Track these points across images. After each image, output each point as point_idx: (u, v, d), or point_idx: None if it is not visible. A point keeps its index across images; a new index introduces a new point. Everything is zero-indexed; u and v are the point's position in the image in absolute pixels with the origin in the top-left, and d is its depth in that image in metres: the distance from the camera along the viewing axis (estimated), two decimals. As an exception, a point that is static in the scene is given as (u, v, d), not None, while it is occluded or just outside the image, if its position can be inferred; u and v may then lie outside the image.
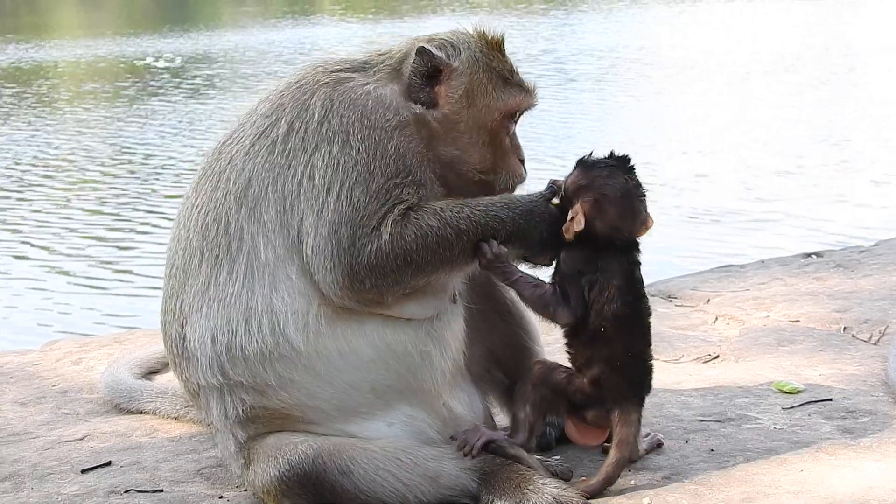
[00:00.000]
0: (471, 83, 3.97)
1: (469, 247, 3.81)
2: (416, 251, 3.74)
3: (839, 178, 14.12)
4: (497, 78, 4.02)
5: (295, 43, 33.34)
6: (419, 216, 3.76)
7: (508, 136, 4.07)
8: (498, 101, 4.00)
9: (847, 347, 5.45)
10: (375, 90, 3.92)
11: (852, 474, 3.92)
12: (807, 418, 4.51)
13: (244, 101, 20.87)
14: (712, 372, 5.21)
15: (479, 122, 3.98)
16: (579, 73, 24.53)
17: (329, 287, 3.75)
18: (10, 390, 5.52)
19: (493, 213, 3.84)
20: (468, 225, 3.79)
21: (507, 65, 4.07)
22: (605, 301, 3.84)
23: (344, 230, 3.72)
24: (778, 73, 22.92)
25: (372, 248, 3.72)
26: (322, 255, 3.74)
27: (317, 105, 3.88)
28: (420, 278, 3.79)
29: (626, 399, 3.88)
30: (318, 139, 3.82)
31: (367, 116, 3.84)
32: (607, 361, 3.85)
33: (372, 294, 3.76)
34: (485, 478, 3.87)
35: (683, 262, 9.99)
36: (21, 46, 37.14)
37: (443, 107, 3.95)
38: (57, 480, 4.39)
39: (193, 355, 3.90)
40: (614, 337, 3.85)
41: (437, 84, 3.95)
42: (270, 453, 3.85)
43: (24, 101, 24.71)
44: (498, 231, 3.82)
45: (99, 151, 18.22)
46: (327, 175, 3.77)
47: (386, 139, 3.82)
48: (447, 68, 3.95)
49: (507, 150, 4.06)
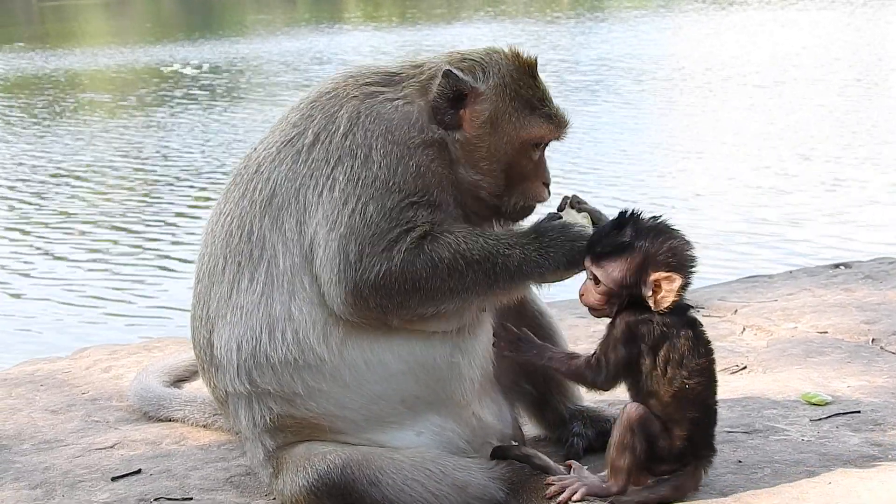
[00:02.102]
0: (495, 110, 3.92)
1: (481, 277, 3.78)
2: (426, 279, 3.74)
3: (869, 187, 14.05)
4: (524, 106, 3.95)
5: (318, 50, 33.41)
6: (433, 246, 3.74)
7: (532, 162, 4.01)
8: (521, 131, 3.94)
9: (875, 359, 5.43)
10: (403, 106, 3.91)
11: (880, 487, 3.90)
12: (835, 430, 4.49)
13: (271, 108, 21.02)
14: (740, 383, 5.20)
15: (500, 149, 3.93)
16: (609, 83, 24.49)
17: (332, 300, 3.77)
18: (40, 398, 5.57)
19: (505, 241, 3.82)
20: (480, 255, 3.77)
21: (538, 91, 3.99)
22: (682, 356, 3.73)
23: (353, 246, 3.72)
24: (805, 80, 22.83)
25: (380, 270, 3.71)
26: (329, 269, 3.75)
27: (343, 117, 3.89)
28: (428, 306, 3.78)
29: (704, 457, 3.83)
30: (342, 152, 3.83)
31: (392, 132, 3.84)
32: (695, 419, 3.76)
33: (375, 314, 3.77)
34: (513, 488, 3.88)
35: (711, 273, 9.97)
36: (47, 54, 37.34)
37: (466, 130, 3.91)
38: (87, 488, 4.42)
39: (221, 362, 3.93)
40: (702, 392, 3.76)
41: (463, 108, 3.91)
42: (299, 463, 3.87)
43: (51, 108, 24.83)
44: (511, 259, 3.79)
45: (128, 158, 18.29)
46: (347, 189, 3.78)
47: (408, 156, 3.82)
48: (473, 93, 3.90)
49: (528, 176, 4.00)
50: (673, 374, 3.72)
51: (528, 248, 3.82)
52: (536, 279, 3.88)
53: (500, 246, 3.80)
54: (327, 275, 3.76)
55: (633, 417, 3.75)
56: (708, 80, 23.87)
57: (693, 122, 19.44)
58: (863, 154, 15.73)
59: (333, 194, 3.79)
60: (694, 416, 3.75)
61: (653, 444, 3.75)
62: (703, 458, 3.83)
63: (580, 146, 16.54)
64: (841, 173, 14.67)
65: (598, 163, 15.82)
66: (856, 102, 20.15)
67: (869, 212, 12.83)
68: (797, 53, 26.96)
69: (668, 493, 3.80)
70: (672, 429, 3.75)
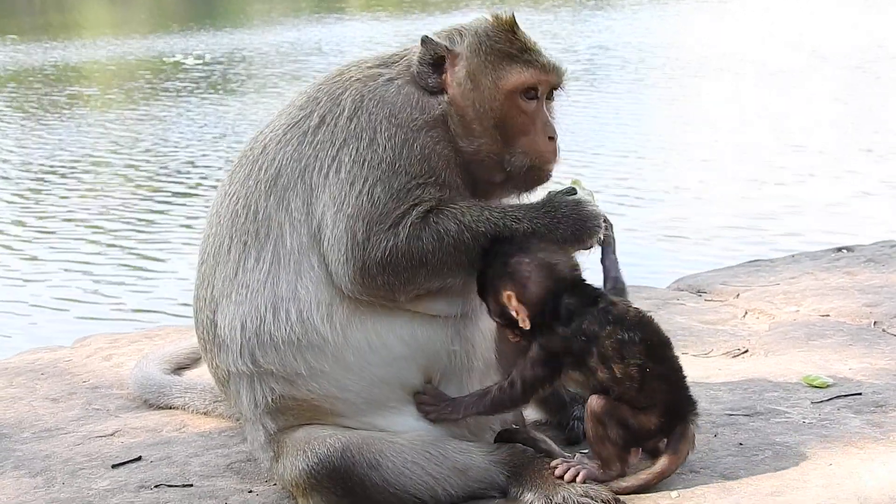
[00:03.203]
0: (471, 66, 3.93)
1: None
2: (432, 253, 3.75)
3: (871, 172, 14.04)
4: (500, 57, 3.94)
5: (322, 41, 33.39)
6: (438, 220, 3.76)
7: (526, 114, 3.98)
8: (500, 81, 3.92)
9: (877, 342, 5.42)
10: (405, 88, 3.93)
11: (882, 468, 3.90)
12: (836, 412, 4.49)
13: (274, 98, 20.99)
14: (742, 366, 5.19)
15: (485, 103, 3.92)
16: (610, 70, 24.48)
17: (341, 280, 3.77)
18: (41, 386, 5.56)
19: (512, 214, 3.83)
20: (487, 228, 3.78)
21: (517, 43, 3.97)
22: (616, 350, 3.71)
23: (360, 225, 3.74)
24: (805, 68, 22.80)
25: (387, 246, 3.72)
26: (337, 248, 3.77)
27: (347, 101, 3.91)
28: (434, 280, 3.79)
29: (687, 414, 3.82)
30: (347, 135, 3.85)
31: (395, 115, 3.86)
32: (662, 389, 3.75)
33: (383, 291, 3.77)
34: (514, 471, 3.88)
35: (713, 258, 9.97)
36: (50, 45, 37.31)
37: (449, 93, 3.94)
38: (88, 476, 4.42)
39: (224, 342, 3.93)
40: (653, 365, 3.74)
41: (444, 71, 3.95)
42: (299, 447, 3.86)
43: (53, 99, 24.83)
44: (518, 232, 3.80)
45: (131, 148, 18.28)
46: (353, 170, 3.79)
47: (412, 139, 3.83)
48: (450, 55, 3.94)
49: (526, 129, 3.97)
50: (616, 368, 3.71)
51: (538, 222, 3.83)
52: None
53: (506, 219, 3.81)
54: (335, 255, 3.77)
55: (596, 410, 3.76)
56: (706, 67, 23.86)
57: (689, 111, 19.43)
58: (865, 144, 15.70)
59: (340, 176, 3.81)
60: (659, 388, 3.75)
61: (627, 426, 3.75)
62: (687, 416, 3.81)
63: (578, 131, 16.51)
64: (842, 162, 14.65)
65: (600, 149, 15.81)
66: (855, 90, 20.12)
67: (869, 200, 12.82)
68: (796, 41, 26.92)
69: (666, 465, 3.80)
70: (642, 409, 3.75)
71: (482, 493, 3.89)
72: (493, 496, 3.89)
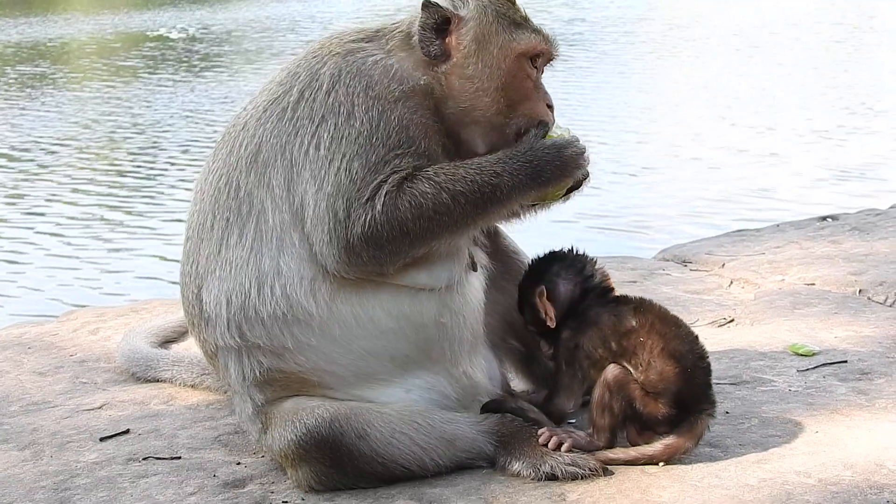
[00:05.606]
0: (480, 29, 3.91)
1: (469, 209, 3.77)
2: (412, 220, 3.72)
3: (856, 141, 14.06)
4: (508, 23, 3.95)
5: (309, 14, 33.22)
6: (413, 184, 3.73)
7: (531, 79, 3.98)
8: (512, 43, 3.92)
9: (862, 310, 5.45)
10: (383, 60, 3.90)
11: (867, 435, 3.93)
12: (822, 380, 4.51)
13: (258, 74, 20.90)
14: (727, 335, 5.21)
15: (493, 64, 3.90)
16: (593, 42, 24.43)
17: (328, 260, 3.76)
18: (28, 360, 5.56)
19: (488, 168, 3.80)
20: (464, 186, 3.76)
21: (519, 12, 4.01)
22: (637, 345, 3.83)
23: (340, 203, 3.72)
24: (794, 41, 22.80)
25: (366, 219, 3.70)
26: (320, 229, 3.75)
27: (326, 75, 3.88)
28: (419, 247, 3.77)
29: (701, 411, 3.80)
30: (325, 110, 3.83)
31: (372, 87, 3.83)
32: (679, 380, 3.76)
33: (371, 266, 3.76)
34: (502, 440, 3.89)
35: (698, 228, 9.98)
36: (31, 20, 37.06)
37: (454, 57, 3.91)
38: (76, 449, 4.42)
39: (210, 317, 3.93)
40: (678, 353, 3.79)
41: (448, 35, 3.92)
42: (287, 418, 3.87)
43: (35, 76, 24.70)
44: (497, 187, 3.77)
45: (115, 124, 18.21)
46: (332, 147, 3.77)
47: (389, 110, 3.81)
48: (455, 17, 3.91)
49: (529, 94, 3.97)
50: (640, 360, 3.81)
51: (519, 176, 3.80)
52: (526, 202, 3.91)
53: (484, 175, 3.78)
54: (319, 234, 3.76)
55: (610, 378, 3.80)
56: (697, 39, 23.82)
57: (678, 83, 19.42)
58: (857, 118, 15.72)
59: (319, 152, 3.79)
60: (677, 380, 3.76)
61: (632, 405, 3.77)
62: (701, 412, 3.80)
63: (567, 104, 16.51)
64: (833, 133, 14.67)
65: (583, 122, 15.80)
66: (845, 63, 20.13)
67: (854, 165, 12.86)
68: (788, 15, 26.88)
69: (657, 452, 3.80)
70: (655, 396, 3.77)
71: (470, 462, 3.90)
72: (481, 466, 3.90)
